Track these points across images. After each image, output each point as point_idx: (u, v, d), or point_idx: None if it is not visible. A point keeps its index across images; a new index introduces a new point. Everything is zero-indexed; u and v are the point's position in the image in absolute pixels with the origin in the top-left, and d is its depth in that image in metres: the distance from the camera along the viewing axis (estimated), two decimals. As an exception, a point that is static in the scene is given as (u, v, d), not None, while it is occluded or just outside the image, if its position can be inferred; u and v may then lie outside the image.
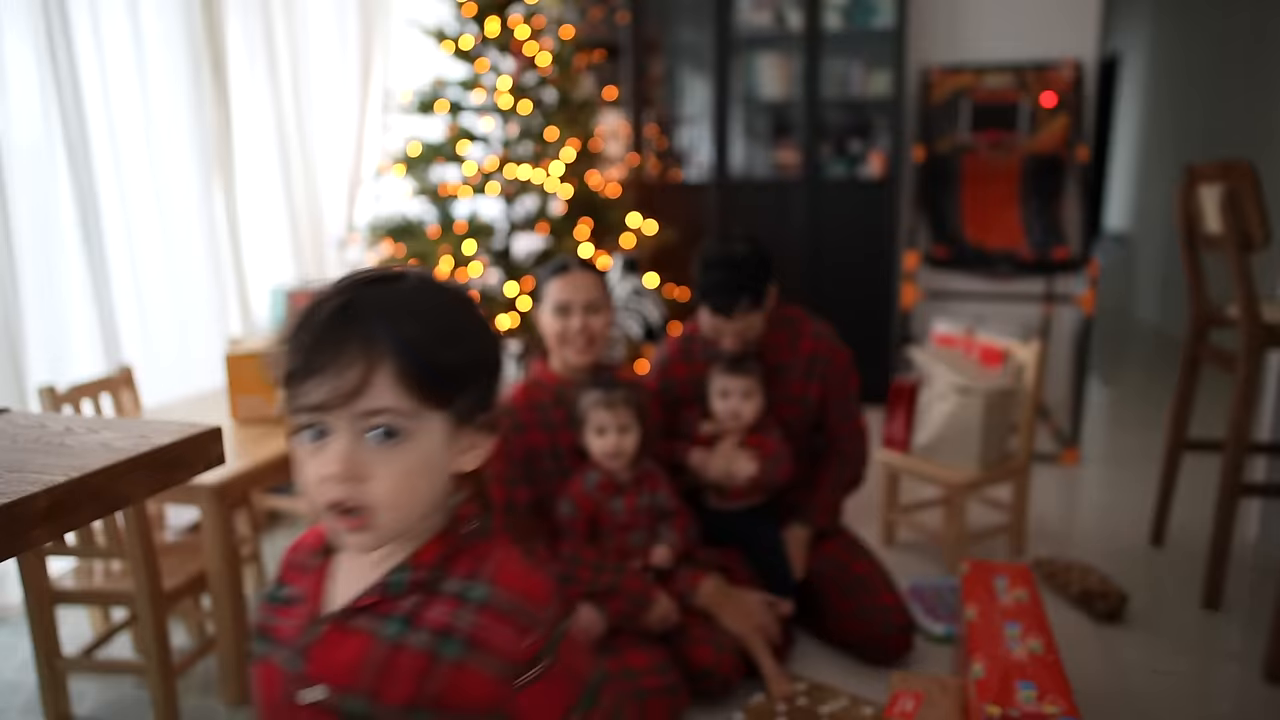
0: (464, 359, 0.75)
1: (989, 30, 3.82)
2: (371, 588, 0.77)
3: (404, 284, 0.75)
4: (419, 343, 0.72)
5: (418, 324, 0.73)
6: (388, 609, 0.76)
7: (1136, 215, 6.78)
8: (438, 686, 0.73)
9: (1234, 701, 1.78)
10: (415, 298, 0.75)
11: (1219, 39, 5.29)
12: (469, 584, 0.76)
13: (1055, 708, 1.33)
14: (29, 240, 2.21)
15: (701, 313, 1.97)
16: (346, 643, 0.75)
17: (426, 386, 0.72)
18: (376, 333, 0.70)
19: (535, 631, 0.74)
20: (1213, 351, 2.25)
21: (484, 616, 0.74)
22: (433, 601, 0.75)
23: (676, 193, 4.00)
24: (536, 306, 1.89)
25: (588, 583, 1.77)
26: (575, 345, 1.82)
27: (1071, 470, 3.20)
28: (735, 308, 1.89)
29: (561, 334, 1.82)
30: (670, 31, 4.09)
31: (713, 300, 1.91)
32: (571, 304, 1.81)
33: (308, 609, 0.79)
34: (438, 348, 0.73)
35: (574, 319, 1.81)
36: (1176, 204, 2.28)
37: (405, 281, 0.76)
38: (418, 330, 0.72)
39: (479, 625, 0.73)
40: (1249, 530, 2.55)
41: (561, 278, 1.83)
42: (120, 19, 2.46)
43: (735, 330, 1.93)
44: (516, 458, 1.82)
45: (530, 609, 0.75)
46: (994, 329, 3.67)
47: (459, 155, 3.16)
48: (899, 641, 1.89)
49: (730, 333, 1.93)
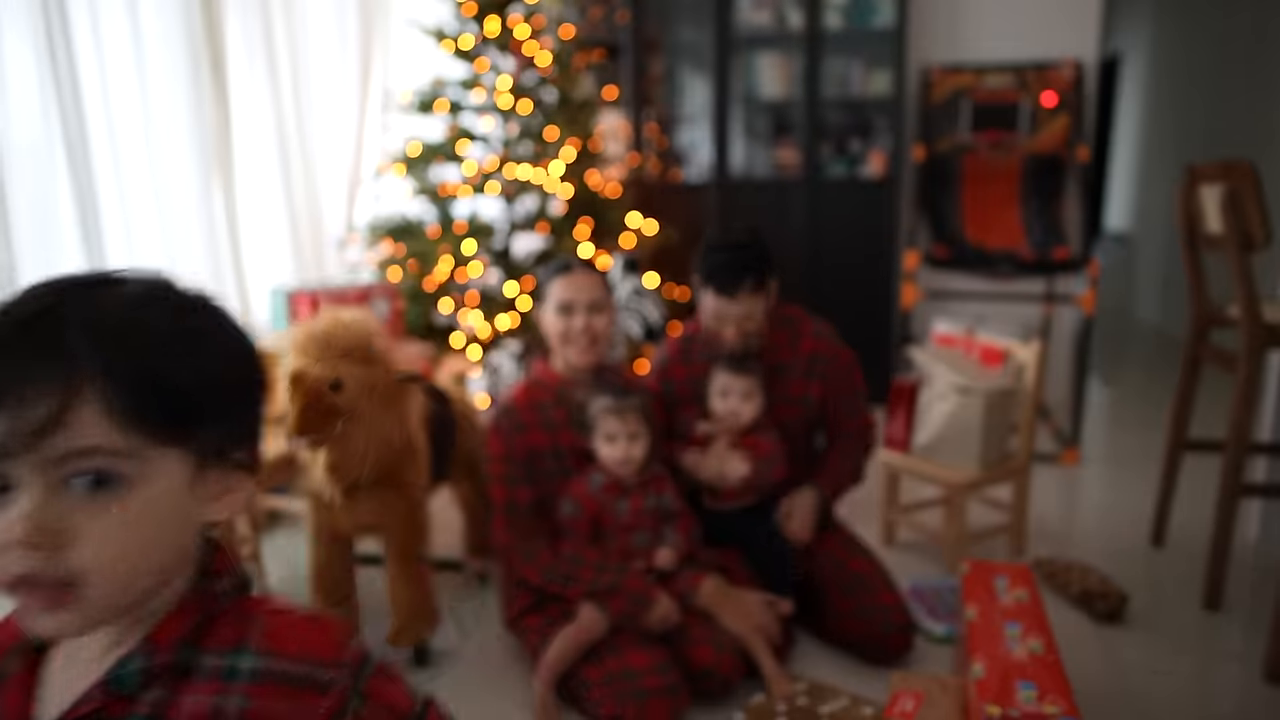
0: (202, 379, 0.59)
1: (989, 30, 3.82)
2: (90, 690, 0.58)
3: (120, 288, 0.59)
4: (139, 360, 0.56)
5: (137, 336, 0.56)
6: (120, 712, 0.58)
7: (1137, 215, 6.78)
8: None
9: (1234, 702, 1.78)
10: (134, 304, 0.58)
11: (1220, 39, 5.28)
12: (234, 655, 0.60)
13: (1055, 708, 1.33)
14: (28, 239, 2.21)
15: (703, 302, 1.96)
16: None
17: (151, 417, 0.55)
18: (78, 349, 0.54)
19: (333, 689, 0.61)
20: (1213, 351, 2.25)
21: (262, 691, 0.59)
22: (185, 689, 0.59)
23: (676, 192, 4.00)
24: (538, 306, 1.89)
25: (589, 582, 1.77)
26: (578, 345, 1.83)
27: (1072, 470, 3.20)
28: (739, 287, 1.88)
29: (565, 334, 1.82)
30: (670, 31, 4.09)
31: (717, 280, 1.90)
32: (575, 304, 1.81)
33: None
34: (165, 365, 0.57)
35: (577, 319, 1.81)
36: (1177, 204, 2.28)
37: (122, 285, 0.60)
38: (137, 344, 0.56)
39: (257, 705, 0.59)
40: (1249, 530, 2.55)
41: (565, 277, 1.83)
42: (119, 18, 2.47)
43: (738, 316, 1.91)
44: (518, 458, 1.82)
45: (320, 666, 0.61)
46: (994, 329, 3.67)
47: (459, 155, 3.17)
48: (899, 641, 1.89)
49: (733, 318, 1.91)
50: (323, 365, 1.64)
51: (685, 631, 1.78)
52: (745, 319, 1.92)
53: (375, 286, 2.62)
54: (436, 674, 1.92)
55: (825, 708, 1.74)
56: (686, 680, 1.72)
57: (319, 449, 1.72)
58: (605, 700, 1.66)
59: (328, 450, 1.73)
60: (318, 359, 1.65)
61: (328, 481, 1.75)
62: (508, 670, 1.92)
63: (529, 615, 1.88)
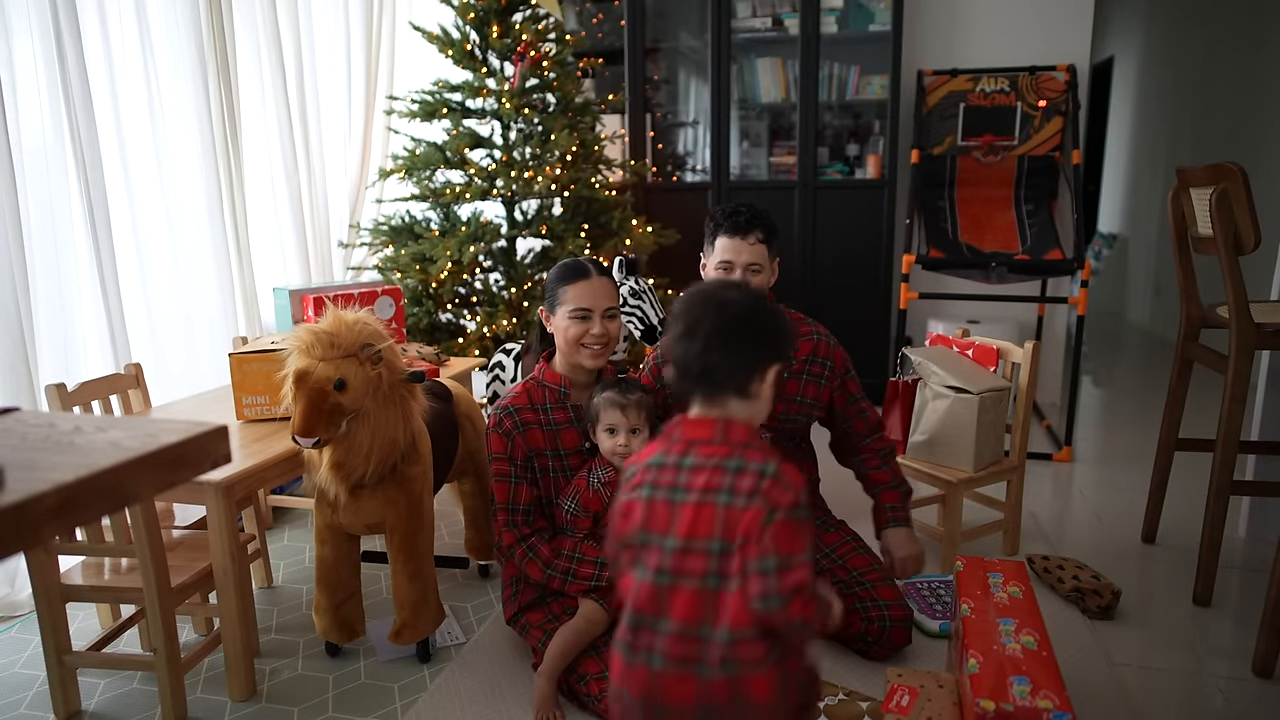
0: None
1: (984, 35, 3.86)
2: None
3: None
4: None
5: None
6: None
7: (1129, 217, 6.82)
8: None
9: (1225, 696, 1.80)
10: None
11: (1210, 44, 5.33)
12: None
13: (1049, 702, 1.35)
14: (39, 242, 2.24)
15: (710, 259, 1.98)
16: None
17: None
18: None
19: None
20: (1204, 352, 2.28)
21: None
22: None
23: (675, 195, 4.04)
24: (548, 309, 1.90)
25: (590, 579, 1.79)
26: (592, 349, 1.84)
27: (1065, 469, 3.23)
28: (751, 230, 1.91)
29: (579, 338, 1.84)
30: (670, 36, 4.12)
31: (729, 222, 1.93)
32: (593, 310, 1.83)
33: None
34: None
35: (595, 324, 1.83)
36: (1168, 206, 2.31)
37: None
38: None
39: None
40: (1239, 528, 2.58)
41: (582, 283, 1.84)
42: (128, 25, 2.49)
43: (746, 262, 1.92)
44: (519, 457, 1.84)
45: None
46: (989, 330, 3.71)
47: (461, 158, 3.19)
48: (896, 636, 1.91)
49: (742, 264, 1.92)
50: (327, 365, 1.66)
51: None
52: (752, 268, 1.93)
53: (379, 287, 2.64)
54: (439, 670, 1.94)
55: (821, 702, 1.77)
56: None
57: (324, 448, 1.75)
58: (606, 695, 1.68)
59: (332, 449, 1.75)
60: (322, 359, 1.67)
61: (332, 480, 1.77)
62: (509, 666, 1.95)
63: (530, 611, 1.90)
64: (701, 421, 1.10)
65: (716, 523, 1.04)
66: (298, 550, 2.62)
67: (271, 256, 3.16)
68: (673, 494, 1.08)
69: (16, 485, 0.87)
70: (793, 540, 1.01)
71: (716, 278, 1.93)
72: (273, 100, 3.06)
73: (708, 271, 2.00)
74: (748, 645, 1.03)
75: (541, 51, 3.24)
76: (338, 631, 1.96)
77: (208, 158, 2.74)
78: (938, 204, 3.66)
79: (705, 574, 1.04)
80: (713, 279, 1.84)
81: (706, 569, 1.04)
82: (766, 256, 1.95)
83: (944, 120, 3.71)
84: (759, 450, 1.07)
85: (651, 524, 1.08)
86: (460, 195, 3.14)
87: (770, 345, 1.11)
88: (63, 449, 1.00)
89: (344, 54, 3.46)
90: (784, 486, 1.03)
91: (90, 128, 2.30)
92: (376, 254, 3.40)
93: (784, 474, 1.04)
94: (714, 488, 1.05)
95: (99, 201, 2.34)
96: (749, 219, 1.93)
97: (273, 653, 2.04)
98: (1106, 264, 7.10)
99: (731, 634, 1.02)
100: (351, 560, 1.97)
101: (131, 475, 0.97)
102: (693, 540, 1.05)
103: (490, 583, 2.38)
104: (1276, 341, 2.07)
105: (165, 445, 1.01)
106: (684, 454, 1.09)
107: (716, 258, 1.96)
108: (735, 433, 1.08)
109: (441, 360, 2.71)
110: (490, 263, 3.29)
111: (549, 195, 3.23)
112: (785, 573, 1.00)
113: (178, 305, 2.67)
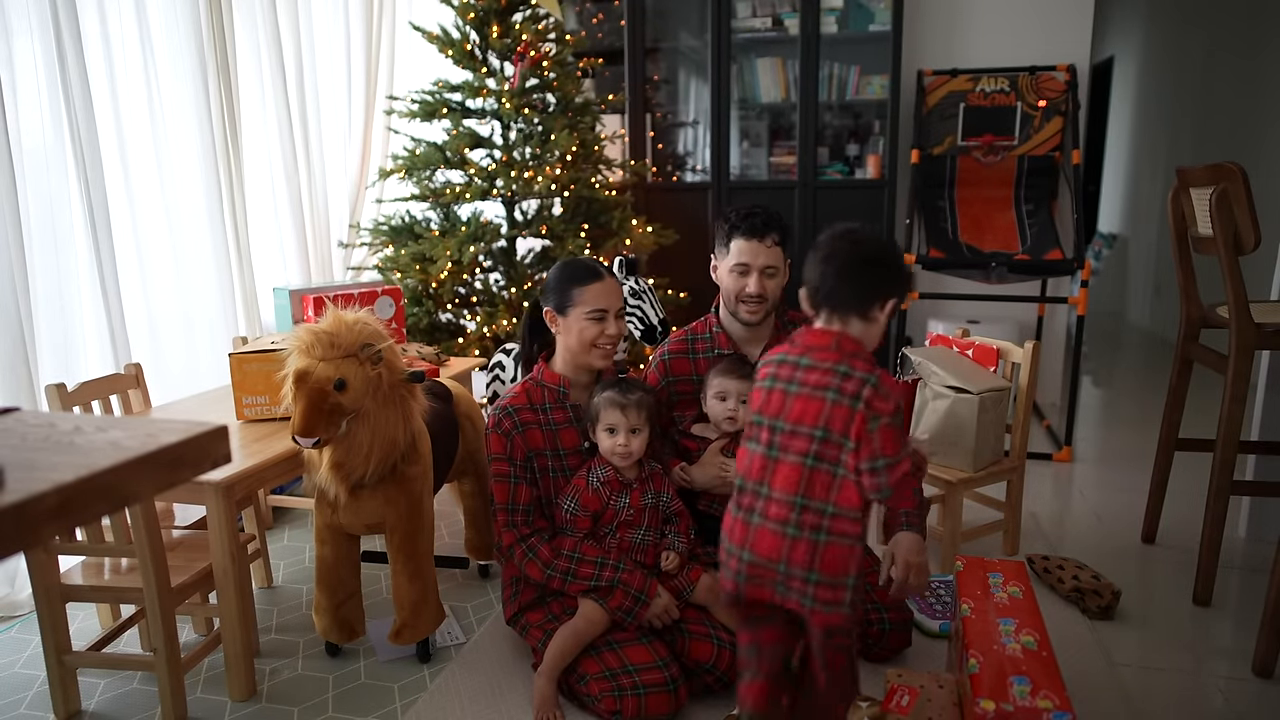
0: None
1: (984, 35, 3.86)
2: None
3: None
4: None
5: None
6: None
7: (1129, 217, 6.82)
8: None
9: (1225, 696, 1.80)
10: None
11: (1209, 44, 5.33)
12: None
13: (1049, 702, 1.36)
14: (39, 242, 2.24)
15: (724, 263, 1.97)
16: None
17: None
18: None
19: None
20: (1204, 352, 2.28)
21: None
22: None
23: (675, 195, 4.03)
24: (556, 310, 1.88)
25: (589, 579, 1.79)
26: (603, 350, 1.85)
27: (1065, 469, 3.23)
28: (767, 233, 1.92)
29: (595, 339, 1.84)
30: (670, 36, 4.12)
31: (746, 224, 1.93)
32: (608, 311, 1.83)
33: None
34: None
35: (610, 325, 1.84)
36: (1168, 206, 2.31)
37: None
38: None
39: None
40: (1239, 528, 2.58)
41: (598, 284, 1.84)
42: (128, 25, 2.49)
43: (762, 264, 1.93)
44: (518, 457, 1.84)
45: None
46: (989, 330, 3.71)
47: (461, 158, 3.19)
48: (896, 637, 1.91)
49: (758, 266, 1.93)
50: (327, 365, 1.66)
51: (684, 626, 1.80)
52: (768, 271, 1.93)
53: (379, 287, 2.64)
54: (439, 670, 1.94)
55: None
56: (686, 675, 1.75)
57: (324, 448, 1.75)
58: (605, 695, 1.68)
59: (332, 449, 1.75)
60: (322, 359, 1.67)
61: (332, 480, 1.77)
62: (509, 666, 1.95)
63: (530, 611, 1.90)
64: (823, 332, 1.34)
65: (822, 414, 1.28)
66: (298, 550, 2.62)
67: (271, 256, 3.15)
68: (789, 386, 1.33)
69: (16, 485, 0.87)
70: (895, 443, 1.26)
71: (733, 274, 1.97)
72: (273, 100, 3.06)
73: (720, 274, 2.00)
74: (847, 522, 1.28)
75: (541, 51, 3.24)
76: (338, 631, 1.96)
77: (208, 158, 2.73)
78: (938, 204, 3.66)
79: (805, 453, 1.29)
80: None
81: (807, 450, 1.29)
82: (782, 258, 1.95)
83: (944, 120, 3.71)
84: (865, 361, 1.30)
85: (767, 408, 1.34)
86: (460, 195, 3.14)
87: (893, 282, 1.34)
88: (63, 449, 1.00)
89: (344, 54, 3.45)
90: (884, 396, 1.26)
91: (90, 128, 2.30)
92: (376, 254, 3.40)
93: (884, 384, 1.27)
94: (824, 385, 1.29)
95: (99, 201, 2.34)
96: (765, 221, 1.93)
97: (273, 653, 2.04)
98: (1106, 264, 7.10)
99: (839, 510, 1.28)
100: (351, 560, 1.97)
101: (131, 475, 0.97)
102: (799, 425, 1.30)
103: (490, 583, 2.38)
104: (1276, 341, 2.07)
105: (165, 445, 1.01)
106: (802, 355, 1.34)
107: (732, 260, 1.96)
108: (847, 344, 1.31)
109: (441, 360, 2.71)
110: (490, 263, 3.29)
111: (549, 195, 3.23)
112: (892, 469, 1.26)
113: (178, 305, 2.67)
